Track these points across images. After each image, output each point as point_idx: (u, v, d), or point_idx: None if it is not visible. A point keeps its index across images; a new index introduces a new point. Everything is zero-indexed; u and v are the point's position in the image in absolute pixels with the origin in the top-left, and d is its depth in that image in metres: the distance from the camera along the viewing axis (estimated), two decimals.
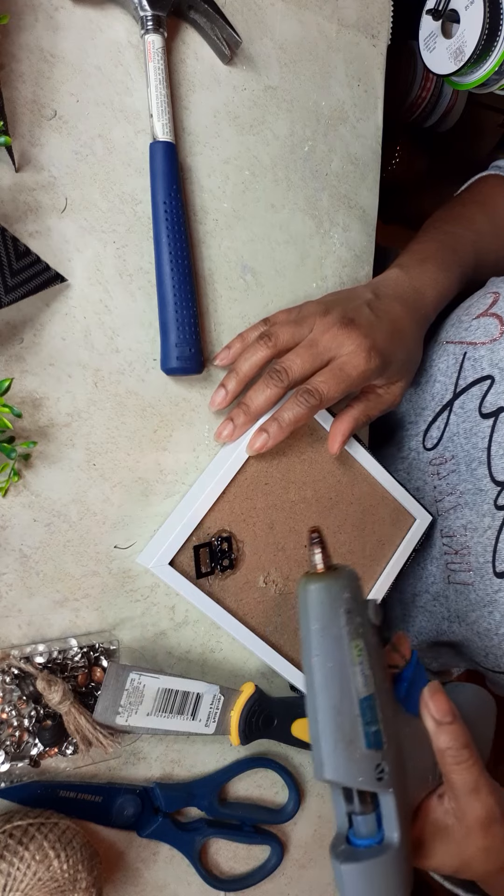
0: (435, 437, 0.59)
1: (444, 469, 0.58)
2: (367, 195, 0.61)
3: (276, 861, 0.55)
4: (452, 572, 0.59)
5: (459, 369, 0.57)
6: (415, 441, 0.62)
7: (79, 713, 0.44)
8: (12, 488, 0.45)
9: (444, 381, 0.59)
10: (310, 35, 0.57)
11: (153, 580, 0.50)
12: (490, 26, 0.53)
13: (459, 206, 0.66)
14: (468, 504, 0.56)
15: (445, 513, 0.59)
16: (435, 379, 0.60)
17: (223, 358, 0.51)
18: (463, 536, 0.57)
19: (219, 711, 0.50)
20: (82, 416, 0.47)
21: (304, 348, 0.48)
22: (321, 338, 0.48)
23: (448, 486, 0.58)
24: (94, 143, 0.48)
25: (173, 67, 0.51)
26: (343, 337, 0.48)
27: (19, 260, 0.42)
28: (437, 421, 0.59)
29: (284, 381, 0.47)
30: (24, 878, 0.39)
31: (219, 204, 0.53)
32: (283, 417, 0.47)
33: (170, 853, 0.51)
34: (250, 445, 0.47)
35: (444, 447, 0.58)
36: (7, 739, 0.43)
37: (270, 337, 0.48)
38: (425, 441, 0.60)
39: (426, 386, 0.61)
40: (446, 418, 0.58)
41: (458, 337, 0.58)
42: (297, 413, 0.47)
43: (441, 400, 0.59)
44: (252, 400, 0.48)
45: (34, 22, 0.46)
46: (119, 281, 0.48)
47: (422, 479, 0.61)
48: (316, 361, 0.48)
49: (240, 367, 0.49)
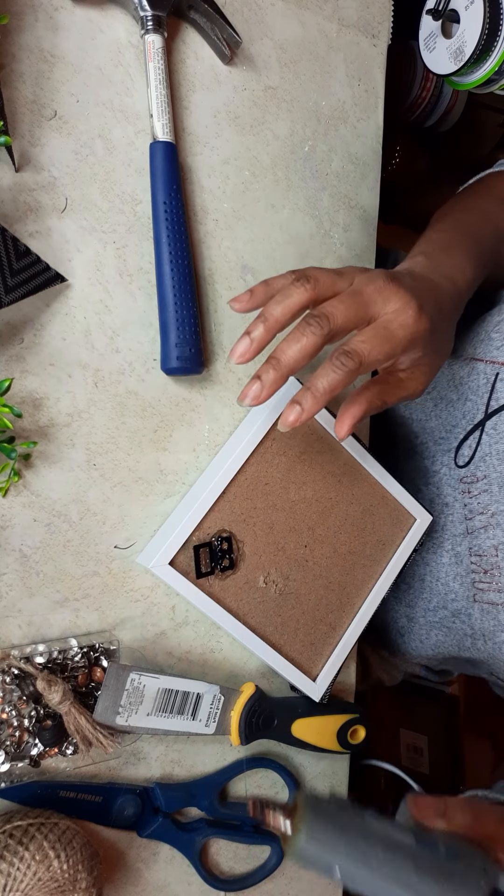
0: (466, 455, 0.58)
1: (476, 488, 0.57)
2: (367, 195, 0.61)
3: (276, 861, 0.55)
4: (479, 591, 0.57)
5: (491, 390, 0.55)
6: (446, 457, 0.60)
7: (79, 713, 0.44)
8: (12, 488, 0.45)
9: (475, 401, 0.57)
10: (310, 35, 0.57)
11: (153, 580, 0.50)
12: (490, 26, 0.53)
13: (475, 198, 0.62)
14: (500, 525, 0.55)
15: (476, 531, 0.58)
16: (466, 397, 0.58)
17: (244, 301, 0.41)
18: (494, 557, 0.56)
19: (219, 711, 0.50)
20: (82, 416, 0.47)
21: (348, 296, 0.40)
22: (365, 289, 0.41)
23: (479, 506, 0.57)
24: (95, 143, 0.48)
25: (173, 67, 0.51)
26: (389, 292, 0.41)
27: (19, 260, 0.42)
28: (469, 440, 0.57)
29: (325, 328, 0.39)
30: (24, 878, 0.39)
31: (219, 204, 0.53)
32: (317, 386, 0.39)
33: (170, 853, 0.51)
34: (283, 420, 0.40)
35: (476, 466, 0.57)
36: (7, 739, 0.43)
37: (308, 279, 0.40)
38: (457, 458, 0.59)
39: (457, 403, 0.59)
40: (478, 437, 0.56)
41: (490, 356, 0.55)
42: (334, 380, 0.39)
43: (472, 419, 0.57)
44: (284, 352, 0.39)
45: (34, 22, 0.46)
46: (119, 281, 0.48)
47: (452, 495, 0.60)
48: (360, 312, 0.40)
49: (270, 311, 0.40)
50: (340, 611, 0.55)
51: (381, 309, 0.41)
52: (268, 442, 0.50)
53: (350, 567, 0.55)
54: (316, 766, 0.58)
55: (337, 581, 0.55)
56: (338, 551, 0.55)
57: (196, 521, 0.47)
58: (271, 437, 0.50)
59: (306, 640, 0.53)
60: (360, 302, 0.40)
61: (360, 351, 0.39)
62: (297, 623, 0.53)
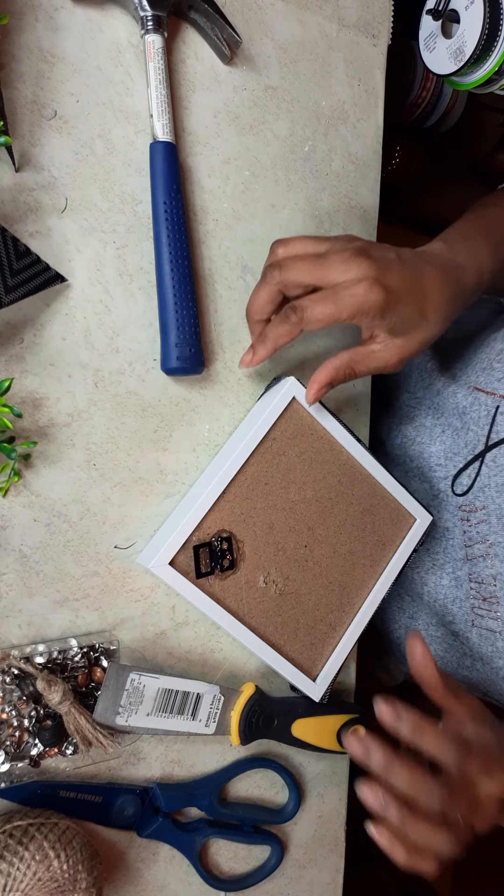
0: (465, 484, 0.57)
1: (475, 517, 0.56)
2: (367, 195, 0.61)
3: (276, 861, 0.55)
4: (478, 617, 0.57)
5: (492, 422, 0.55)
6: (444, 483, 0.60)
7: (79, 713, 0.44)
8: (12, 488, 0.45)
9: (476, 431, 0.56)
10: (310, 35, 0.57)
11: (153, 580, 0.50)
12: (490, 26, 0.53)
13: None
14: (498, 556, 0.54)
15: (475, 559, 0.57)
16: (468, 427, 0.57)
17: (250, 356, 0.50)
18: (492, 586, 0.55)
19: (219, 711, 0.50)
20: (82, 416, 0.47)
21: (312, 258, 0.46)
22: (331, 256, 0.46)
23: (478, 535, 0.56)
24: (95, 143, 0.48)
25: (173, 67, 0.51)
26: (352, 262, 0.45)
27: (19, 260, 0.42)
28: (469, 469, 0.57)
29: (276, 278, 0.47)
30: (24, 878, 0.39)
31: (219, 204, 0.53)
32: (266, 334, 0.47)
33: (170, 853, 0.51)
34: (240, 361, 0.49)
35: (475, 496, 0.56)
36: (7, 739, 0.43)
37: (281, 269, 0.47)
38: (454, 486, 0.58)
39: (460, 431, 0.58)
40: (478, 468, 0.56)
41: (491, 387, 0.55)
42: (280, 330, 0.46)
43: (473, 449, 0.57)
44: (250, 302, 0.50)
45: (34, 22, 0.46)
46: (119, 281, 0.48)
47: (451, 521, 0.60)
48: (317, 273, 0.45)
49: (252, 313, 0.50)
50: (340, 611, 0.55)
51: (339, 276, 0.45)
52: (268, 442, 0.50)
53: (350, 567, 0.55)
54: (316, 766, 0.58)
55: (337, 581, 0.55)
56: (338, 551, 0.55)
57: (196, 521, 0.47)
58: (271, 437, 0.50)
59: (306, 640, 0.53)
60: (321, 264, 0.45)
61: (304, 306, 0.45)
62: (297, 623, 0.53)
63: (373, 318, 0.46)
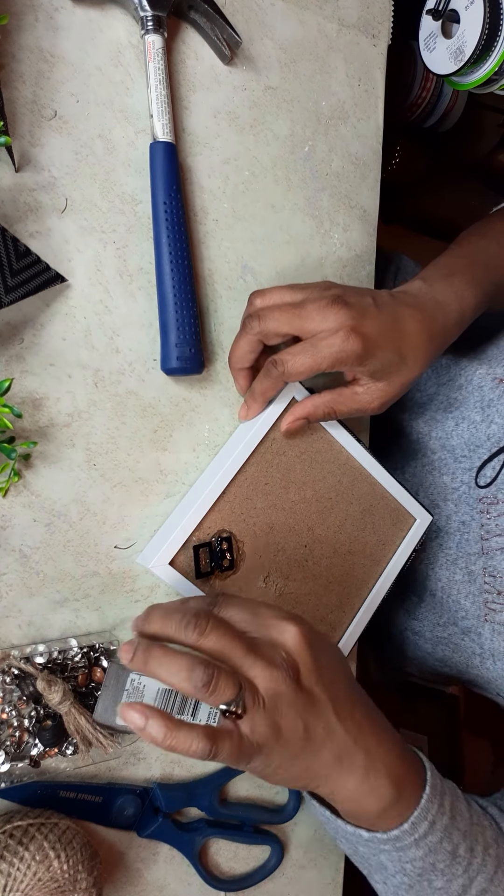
0: (489, 476, 0.57)
1: (495, 510, 0.57)
2: (367, 195, 0.61)
3: (276, 861, 0.55)
4: (492, 611, 0.57)
5: None
6: (467, 475, 0.60)
7: (79, 713, 0.44)
8: (12, 488, 0.45)
9: (501, 424, 0.57)
10: (310, 35, 0.57)
11: (153, 580, 0.50)
12: (490, 26, 0.53)
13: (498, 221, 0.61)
14: None
15: (491, 552, 0.57)
16: (492, 420, 0.57)
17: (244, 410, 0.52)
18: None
19: (218, 712, 0.50)
20: (82, 416, 0.47)
21: (290, 307, 0.47)
22: (308, 305, 0.46)
23: (497, 528, 0.56)
24: (95, 143, 0.48)
25: (173, 67, 0.51)
26: (328, 311, 0.46)
27: (19, 260, 0.42)
28: (493, 461, 0.57)
29: (255, 329, 0.47)
30: (24, 878, 0.39)
31: (219, 204, 0.53)
32: (253, 389, 0.49)
33: (170, 853, 0.51)
34: (239, 415, 0.52)
35: (498, 489, 0.56)
36: (7, 739, 0.43)
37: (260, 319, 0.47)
38: (478, 478, 0.59)
39: (481, 425, 0.59)
40: (502, 461, 0.56)
41: None
42: (263, 384, 0.48)
43: (498, 441, 0.57)
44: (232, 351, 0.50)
45: (34, 22, 0.46)
46: (119, 281, 0.48)
47: (469, 514, 0.60)
48: (295, 324, 0.46)
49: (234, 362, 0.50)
50: (340, 611, 0.55)
51: (316, 326, 0.46)
52: (267, 442, 0.50)
53: (350, 567, 0.55)
54: None
55: (337, 581, 0.55)
56: (338, 551, 0.55)
57: (196, 521, 0.47)
58: (271, 437, 0.50)
59: None
60: (298, 315, 0.46)
61: (284, 360, 0.46)
62: None
63: (352, 365, 0.47)
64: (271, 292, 0.48)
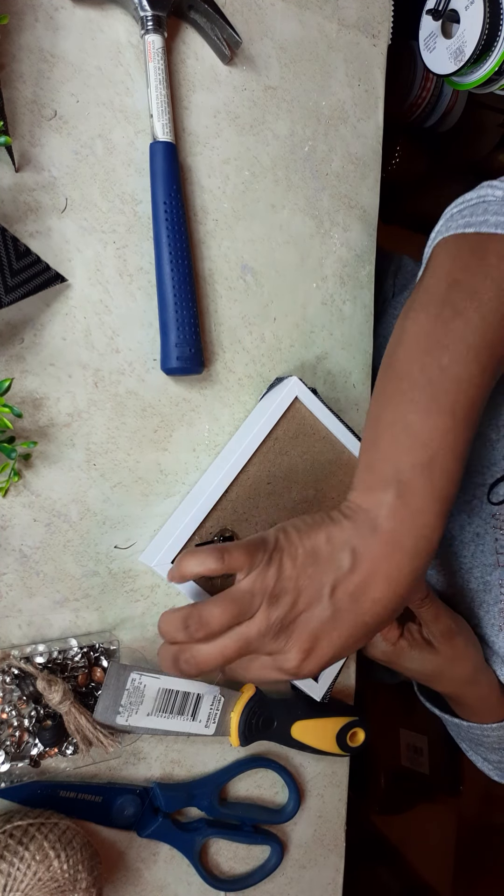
0: (501, 494, 0.57)
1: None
2: (367, 195, 0.61)
3: (276, 861, 0.55)
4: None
5: None
6: (479, 490, 0.59)
7: (79, 713, 0.44)
8: (12, 488, 0.45)
9: None
10: (310, 35, 0.57)
11: (153, 580, 0.50)
12: (490, 26, 0.53)
13: (437, 322, 0.43)
14: None
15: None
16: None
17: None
18: None
19: (219, 712, 0.50)
20: (82, 416, 0.47)
21: (238, 639, 0.39)
22: (256, 633, 0.39)
23: None
24: (95, 143, 0.48)
25: (173, 67, 0.51)
26: (283, 639, 0.39)
27: (19, 260, 0.42)
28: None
29: (198, 634, 0.39)
30: (24, 878, 0.39)
31: (219, 204, 0.53)
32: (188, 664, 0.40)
33: (170, 853, 0.51)
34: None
35: None
36: (7, 739, 0.43)
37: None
38: (490, 495, 0.58)
39: (497, 444, 0.58)
40: None
41: None
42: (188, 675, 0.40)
43: None
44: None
45: (34, 22, 0.46)
46: (119, 281, 0.48)
47: (483, 527, 0.59)
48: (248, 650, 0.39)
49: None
50: None
51: (276, 648, 0.39)
52: (270, 442, 0.50)
53: None
54: (316, 766, 0.58)
55: None
56: None
57: (199, 520, 0.47)
58: (273, 436, 0.50)
59: None
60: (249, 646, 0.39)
61: (236, 672, 0.41)
62: None
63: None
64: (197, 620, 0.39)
